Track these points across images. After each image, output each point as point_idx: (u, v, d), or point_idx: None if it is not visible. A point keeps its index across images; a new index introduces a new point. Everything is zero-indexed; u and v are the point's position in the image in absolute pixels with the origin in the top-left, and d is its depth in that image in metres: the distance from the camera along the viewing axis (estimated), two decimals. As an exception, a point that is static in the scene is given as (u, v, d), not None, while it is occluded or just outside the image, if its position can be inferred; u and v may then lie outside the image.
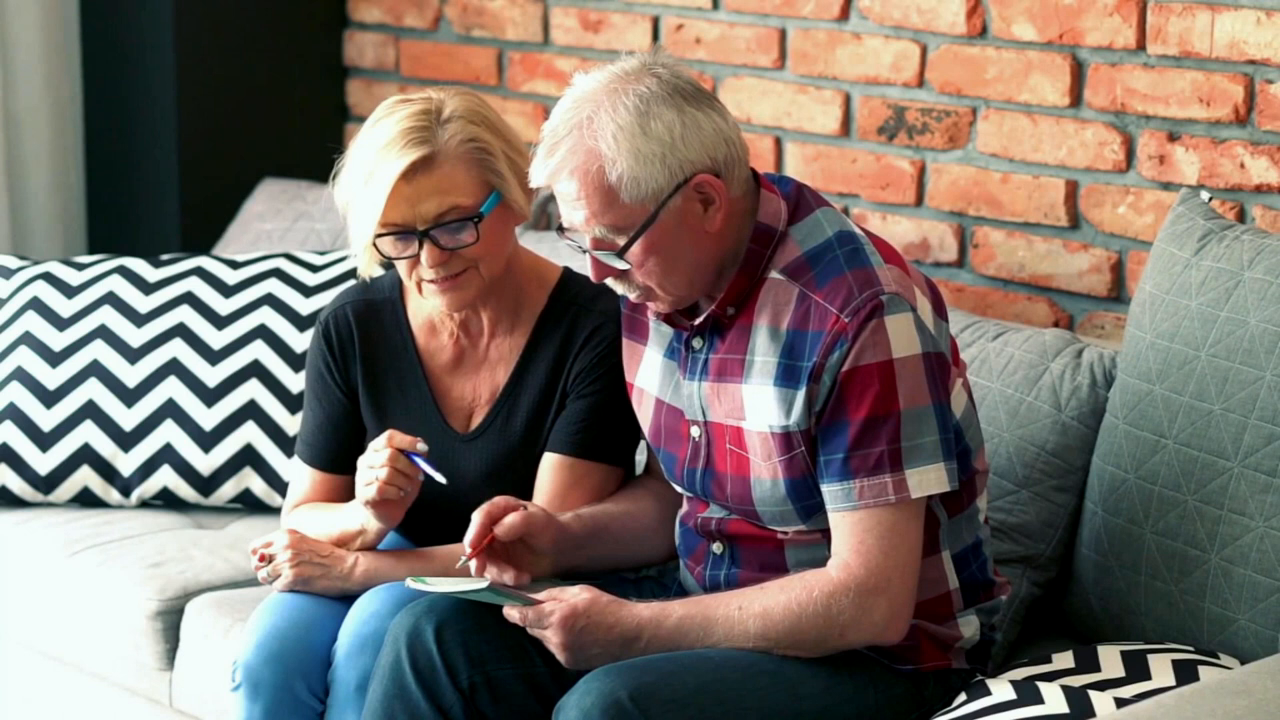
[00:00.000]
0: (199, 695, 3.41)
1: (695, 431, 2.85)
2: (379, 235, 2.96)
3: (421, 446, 2.93)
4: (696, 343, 2.83)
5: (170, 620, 3.46)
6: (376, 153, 2.94)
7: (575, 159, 2.69)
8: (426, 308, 3.12)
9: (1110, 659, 2.80)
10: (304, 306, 3.84)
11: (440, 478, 2.91)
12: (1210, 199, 3.30)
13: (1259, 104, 3.30)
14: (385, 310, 3.14)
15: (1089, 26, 3.48)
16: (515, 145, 3.02)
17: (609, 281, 2.79)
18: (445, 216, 2.95)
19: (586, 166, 2.69)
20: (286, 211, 4.32)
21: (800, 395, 2.71)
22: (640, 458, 3.16)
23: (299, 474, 3.21)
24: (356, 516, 3.02)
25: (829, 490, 2.71)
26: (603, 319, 3.04)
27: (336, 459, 3.17)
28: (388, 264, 3.05)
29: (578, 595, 2.74)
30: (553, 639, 2.74)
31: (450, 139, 2.95)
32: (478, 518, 2.85)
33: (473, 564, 2.84)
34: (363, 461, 2.97)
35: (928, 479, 2.69)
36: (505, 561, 2.86)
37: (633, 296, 2.81)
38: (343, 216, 3.03)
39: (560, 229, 2.79)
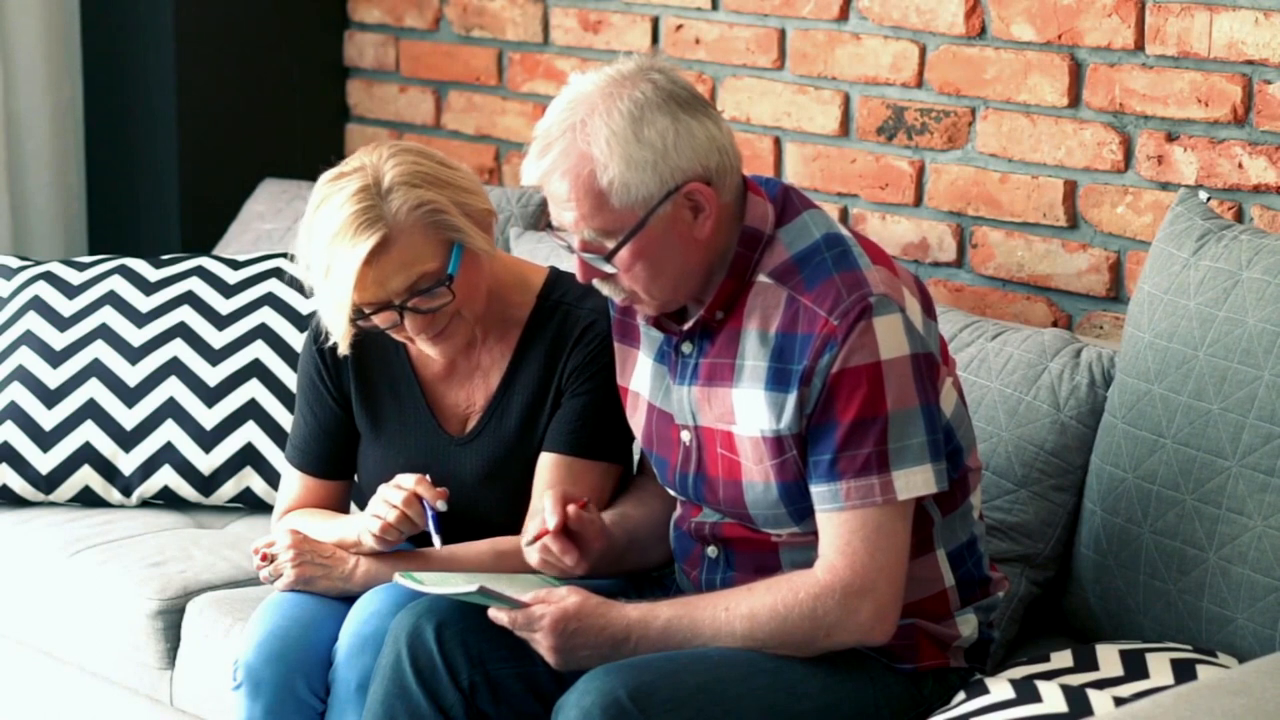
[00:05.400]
0: (200, 694, 3.42)
1: (686, 436, 2.85)
2: (357, 318, 2.95)
3: (441, 506, 2.93)
4: (686, 347, 2.83)
5: (171, 619, 3.46)
6: (329, 245, 2.90)
7: (567, 161, 2.69)
8: None
9: (1109, 658, 2.81)
10: (305, 306, 3.84)
11: (437, 541, 2.92)
12: (1209, 199, 3.31)
13: (1257, 104, 3.31)
14: None
15: (1088, 27, 3.48)
16: (463, 187, 2.98)
17: (595, 283, 2.79)
18: (417, 286, 2.93)
19: (578, 170, 2.69)
20: (287, 211, 4.33)
21: (791, 399, 2.71)
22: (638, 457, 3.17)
23: (290, 479, 3.21)
24: (355, 528, 3.03)
25: (817, 491, 2.71)
26: (593, 316, 3.04)
27: (329, 465, 3.18)
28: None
29: (566, 598, 2.75)
30: (543, 642, 2.74)
31: (398, 211, 2.90)
32: (553, 497, 2.83)
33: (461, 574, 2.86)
34: (383, 490, 2.97)
35: (915, 481, 2.69)
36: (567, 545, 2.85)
37: (618, 299, 2.81)
38: (309, 292, 3.00)
39: (550, 226, 2.80)
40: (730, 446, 2.78)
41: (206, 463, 3.77)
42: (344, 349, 3.00)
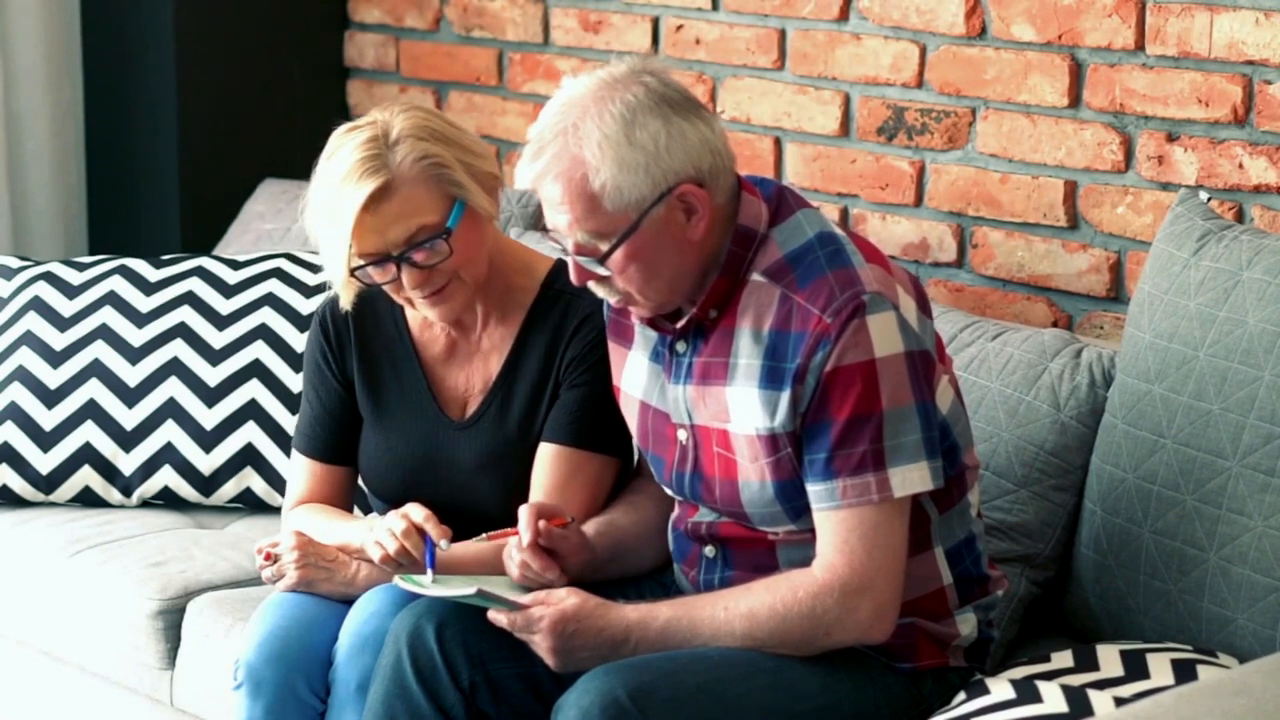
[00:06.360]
0: (200, 694, 3.42)
1: (682, 435, 2.85)
2: (355, 268, 2.97)
3: (444, 545, 2.91)
4: (680, 346, 2.83)
5: (171, 619, 3.46)
6: (335, 188, 2.95)
7: (559, 165, 2.70)
8: None
9: (1109, 658, 2.81)
10: (305, 306, 3.85)
11: (430, 575, 2.89)
12: (1209, 199, 3.31)
13: (1257, 104, 3.31)
14: (380, 301, 3.15)
15: (1088, 27, 3.48)
16: (470, 148, 3.02)
17: (590, 285, 2.80)
18: (415, 238, 2.96)
19: (570, 173, 2.69)
20: (287, 211, 4.33)
21: (785, 397, 2.71)
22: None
23: (297, 466, 3.22)
24: (360, 533, 3.03)
25: (813, 490, 2.72)
26: (593, 307, 3.05)
27: (334, 450, 3.19)
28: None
29: (565, 599, 2.75)
30: (542, 644, 2.74)
31: (403, 161, 2.94)
32: (528, 511, 2.83)
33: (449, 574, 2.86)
34: (390, 518, 2.96)
35: (910, 478, 2.69)
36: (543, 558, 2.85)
37: (613, 301, 2.82)
38: (316, 248, 3.04)
39: (544, 229, 2.81)
40: (726, 445, 2.79)
41: (207, 463, 3.77)
42: (345, 303, 3.04)
